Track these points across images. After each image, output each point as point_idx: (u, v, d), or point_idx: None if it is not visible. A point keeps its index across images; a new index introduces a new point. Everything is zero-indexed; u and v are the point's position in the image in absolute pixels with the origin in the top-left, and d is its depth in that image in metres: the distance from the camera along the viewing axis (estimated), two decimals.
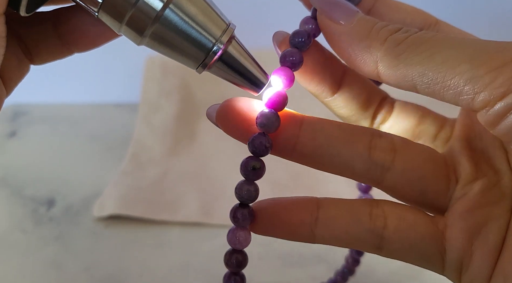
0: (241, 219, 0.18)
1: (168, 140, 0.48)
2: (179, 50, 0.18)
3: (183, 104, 0.52)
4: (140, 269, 0.35)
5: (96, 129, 0.52)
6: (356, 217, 0.18)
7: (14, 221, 0.39)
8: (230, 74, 0.18)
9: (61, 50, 0.21)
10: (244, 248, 0.18)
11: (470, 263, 0.17)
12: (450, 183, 0.18)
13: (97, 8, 0.17)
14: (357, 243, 0.18)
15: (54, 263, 0.35)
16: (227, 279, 0.18)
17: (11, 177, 0.44)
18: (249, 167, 0.17)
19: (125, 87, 0.57)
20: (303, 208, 0.18)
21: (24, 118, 0.54)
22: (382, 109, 0.21)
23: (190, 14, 0.17)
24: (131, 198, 0.41)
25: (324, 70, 0.19)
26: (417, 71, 0.16)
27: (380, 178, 0.18)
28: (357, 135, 0.18)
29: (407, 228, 0.18)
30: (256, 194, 0.17)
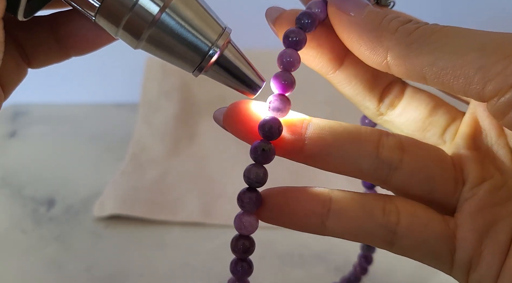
0: (248, 204, 0.18)
1: (168, 141, 0.48)
2: (176, 54, 0.18)
3: (183, 104, 0.52)
4: (140, 269, 0.35)
5: (96, 129, 0.52)
6: (370, 211, 0.18)
7: (14, 221, 0.39)
8: (226, 78, 0.18)
9: (59, 54, 0.21)
10: (250, 234, 0.18)
11: (479, 262, 0.17)
12: (457, 185, 0.18)
13: (94, 13, 0.17)
14: (368, 237, 0.18)
15: (54, 263, 0.35)
16: (234, 265, 0.18)
17: (11, 177, 0.44)
18: (259, 149, 0.17)
19: (125, 87, 0.57)
20: (315, 199, 0.18)
21: (24, 118, 0.54)
22: (390, 92, 0.21)
23: (186, 18, 0.17)
24: (131, 198, 0.41)
25: (325, 44, 0.19)
26: (427, 61, 0.16)
27: (388, 178, 0.18)
28: (365, 135, 0.18)
29: (420, 225, 0.18)
30: (265, 178, 0.17)
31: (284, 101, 0.17)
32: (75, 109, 0.56)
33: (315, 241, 0.37)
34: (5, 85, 0.20)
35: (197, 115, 0.52)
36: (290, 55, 0.17)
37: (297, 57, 0.18)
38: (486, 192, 0.18)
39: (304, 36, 0.18)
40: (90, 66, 0.53)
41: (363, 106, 0.21)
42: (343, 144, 0.18)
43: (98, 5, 0.17)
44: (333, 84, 0.21)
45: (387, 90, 0.21)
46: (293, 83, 0.17)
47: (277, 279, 0.34)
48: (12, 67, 0.20)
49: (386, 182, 0.18)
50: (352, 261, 0.35)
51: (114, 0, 0.17)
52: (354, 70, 0.20)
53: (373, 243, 0.18)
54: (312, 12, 0.18)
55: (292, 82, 0.17)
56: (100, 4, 0.17)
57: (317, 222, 0.18)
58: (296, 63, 0.18)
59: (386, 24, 0.17)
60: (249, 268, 0.18)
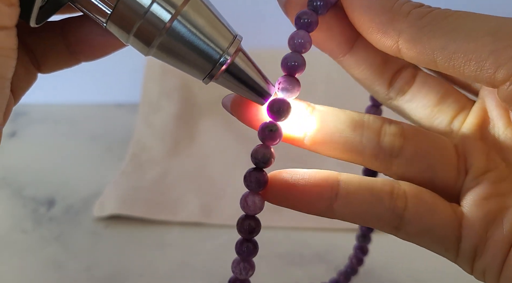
0: (254, 183, 0.17)
1: (168, 141, 0.48)
2: (186, 61, 0.18)
3: (183, 104, 0.52)
4: (140, 269, 0.35)
5: (96, 129, 0.52)
6: (378, 195, 0.18)
7: (14, 221, 0.39)
8: (236, 85, 0.18)
9: (69, 59, 0.21)
10: (256, 214, 0.18)
11: (484, 251, 0.17)
12: (460, 174, 0.19)
13: (105, 19, 0.17)
14: (376, 222, 0.18)
15: (54, 263, 0.35)
16: (239, 245, 0.18)
17: (11, 177, 0.44)
18: (266, 130, 0.17)
19: (125, 87, 0.57)
20: (323, 181, 0.18)
21: (24, 118, 0.54)
22: (400, 77, 0.20)
23: (198, 25, 0.17)
24: (131, 198, 0.41)
25: (335, 27, 0.19)
26: (439, 44, 0.16)
27: (389, 164, 0.18)
28: (368, 122, 0.18)
29: (427, 211, 0.18)
30: (271, 158, 0.17)
31: (294, 82, 0.17)
32: (75, 109, 0.56)
33: (315, 241, 0.37)
34: (16, 90, 0.20)
35: (197, 115, 0.52)
36: (302, 37, 0.17)
37: (309, 39, 0.18)
38: (490, 182, 0.18)
39: (316, 18, 0.18)
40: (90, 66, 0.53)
41: (373, 91, 0.21)
42: (345, 130, 0.18)
43: (110, 11, 0.17)
44: (344, 68, 0.21)
45: (398, 75, 0.20)
46: (303, 65, 0.17)
47: (277, 279, 0.34)
48: (22, 73, 0.20)
49: (387, 169, 0.18)
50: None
51: (126, 7, 0.17)
52: (364, 54, 0.20)
53: (380, 227, 0.18)
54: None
55: (302, 64, 0.17)
56: (112, 11, 0.17)
57: (325, 205, 0.18)
58: (308, 45, 0.18)
59: (398, 7, 0.17)
60: (254, 249, 0.18)
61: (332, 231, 0.38)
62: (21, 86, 0.20)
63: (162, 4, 0.16)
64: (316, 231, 0.38)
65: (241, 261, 0.18)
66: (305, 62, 0.18)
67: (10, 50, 0.16)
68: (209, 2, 0.18)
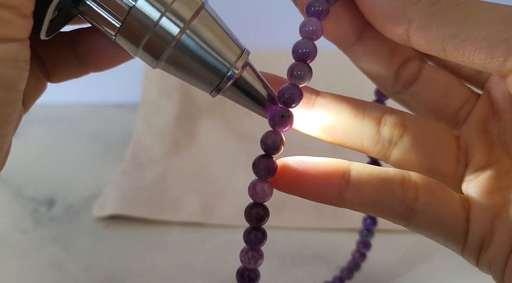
0: (263, 170, 0.17)
1: (168, 141, 0.48)
2: (194, 75, 0.18)
3: (183, 104, 0.52)
4: (140, 269, 0.35)
5: (96, 129, 0.52)
6: (389, 185, 0.18)
7: (14, 221, 0.39)
8: (244, 99, 0.18)
9: (78, 70, 0.21)
10: (264, 201, 0.18)
11: (490, 242, 0.17)
12: (459, 165, 0.19)
13: (114, 32, 0.17)
14: (386, 212, 0.18)
15: (54, 263, 0.35)
16: (247, 234, 0.18)
17: (11, 177, 0.44)
18: (278, 116, 0.17)
19: (125, 87, 0.57)
20: (334, 169, 0.18)
21: (24, 118, 0.53)
22: (406, 69, 0.20)
23: (206, 39, 0.17)
24: (131, 198, 0.41)
25: (344, 17, 0.19)
26: (450, 32, 0.16)
27: (388, 153, 0.19)
28: (369, 110, 0.19)
29: (438, 202, 0.18)
30: (281, 144, 0.17)
31: (305, 68, 0.17)
32: (75, 109, 0.56)
33: (315, 241, 0.37)
34: (26, 99, 0.20)
35: (197, 115, 0.52)
36: (313, 24, 0.17)
37: (320, 26, 0.17)
38: (493, 176, 0.18)
39: (327, 7, 0.18)
40: None
41: (379, 82, 0.21)
42: (347, 117, 0.18)
43: (119, 25, 0.17)
44: (350, 59, 0.21)
45: (404, 67, 0.20)
46: (314, 52, 0.17)
47: (277, 279, 0.34)
48: (33, 83, 0.20)
49: (386, 157, 0.19)
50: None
51: (135, 21, 0.17)
52: (371, 45, 0.20)
53: (390, 217, 0.18)
54: None
55: (314, 50, 0.17)
56: (121, 24, 0.17)
57: (335, 193, 0.18)
58: (319, 32, 0.17)
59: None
60: (263, 237, 0.18)
61: (332, 231, 0.38)
62: (31, 95, 0.20)
63: (171, 18, 0.17)
64: (316, 231, 0.38)
65: (250, 250, 0.18)
66: (317, 50, 0.17)
67: (23, 62, 0.16)
68: (217, 15, 0.18)
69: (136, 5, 0.16)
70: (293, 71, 0.17)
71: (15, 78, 0.16)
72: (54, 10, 0.16)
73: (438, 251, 0.36)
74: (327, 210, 0.40)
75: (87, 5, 0.17)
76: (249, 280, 0.19)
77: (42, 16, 0.16)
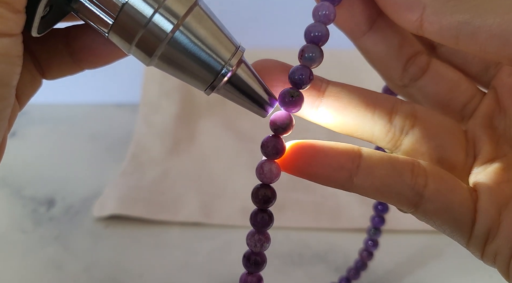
0: (271, 149, 0.17)
1: (168, 141, 0.48)
2: (188, 72, 0.18)
3: (183, 104, 0.52)
4: (140, 269, 0.35)
5: (96, 129, 0.52)
6: (399, 170, 0.18)
7: (14, 221, 0.39)
8: (238, 97, 0.18)
9: (72, 67, 0.21)
10: (272, 183, 0.17)
11: (497, 233, 0.17)
12: (468, 157, 0.19)
13: (107, 29, 0.17)
14: (395, 198, 0.18)
15: (54, 263, 0.35)
16: (254, 216, 0.18)
17: (11, 177, 0.44)
18: (287, 96, 0.17)
19: (125, 87, 0.57)
20: (345, 153, 0.18)
21: (24, 118, 0.54)
22: (415, 63, 0.20)
23: (200, 36, 0.17)
24: (131, 198, 0.41)
25: (356, 6, 0.19)
26: (464, 19, 0.16)
27: (398, 142, 0.19)
28: (380, 100, 0.19)
29: (447, 190, 0.18)
30: (290, 125, 0.17)
31: (317, 50, 0.17)
32: (75, 109, 0.56)
33: (315, 241, 0.37)
34: (21, 97, 0.20)
35: (197, 116, 0.52)
36: (326, 8, 0.17)
37: (333, 10, 0.17)
38: (501, 168, 0.18)
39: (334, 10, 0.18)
40: None
41: (387, 75, 0.21)
42: (358, 105, 0.18)
43: (112, 22, 0.17)
44: (359, 50, 0.21)
45: (412, 61, 0.20)
46: (327, 35, 0.17)
47: (277, 279, 0.34)
48: (28, 79, 0.20)
49: (397, 147, 0.19)
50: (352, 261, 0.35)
51: (127, 17, 0.16)
52: (382, 35, 0.20)
53: (399, 203, 0.18)
54: None
55: (326, 34, 0.17)
56: (114, 21, 0.17)
57: (345, 176, 0.18)
58: (332, 16, 0.17)
59: None
60: (270, 220, 0.18)
61: (332, 231, 0.38)
62: (26, 92, 0.20)
63: (164, 14, 0.16)
64: (316, 231, 0.38)
65: (256, 233, 0.18)
66: (329, 34, 0.17)
67: (15, 57, 0.16)
68: (212, 12, 0.18)
69: (129, 2, 0.16)
70: (304, 53, 0.17)
71: (7, 73, 0.16)
72: (45, 6, 0.16)
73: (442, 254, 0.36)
74: (327, 210, 0.40)
75: (79, 2, 0.17)
76: (255, 264, 0.18)
77: (33, 12, 0.16)
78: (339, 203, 0.41)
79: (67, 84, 0.56)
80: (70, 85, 0.57)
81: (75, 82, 0.56)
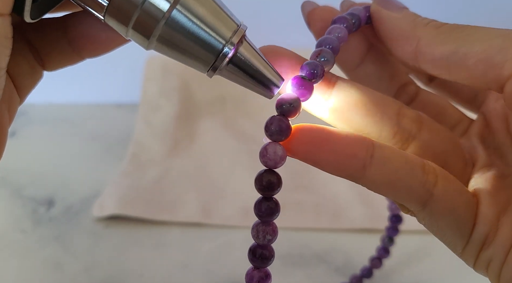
0: (276, 129, 0.16)
1: (168, 140, 0.48)
2: (188, 53, 0.17)
3: (183, 104, 0.52)
4: (140, 269, 0.35)
5: (96, 130, 0.52)
6: (412, 165, 0.17)
7: (13, 221, 0.39)
8: (242, 78, 0.18)
9: (72, 56, 0.21)
10: (276, 167, 0.16)
11: (494, 239, 0.17)
12: (467, 166, 0.20)
13: (103, 13, 0.17)
14: (406, 193, 0.17)
15: (54, 263, 0.35)
16: (258, 205, 0.17)
17: (11, 177, 0.44)
18: (299, 79, 0.17)
19: (125, 87, 0.57)
20: (358, 141, 0.17)
21: (24, 118, 0.54)
22: (405, 92, 0.22)
23: (198, 15, 0.16)
24: (131, 198, 0.41)
25: (350, 41, 0.21)
26: (453, 48, 0.17)
27: (405, 145, 0.19)
28: (388, 101, 0.19)
29: (454, 191, 0.18)
30: (299, 107, 0.16)
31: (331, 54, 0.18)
32: (75, 109, 0.56)
33: (315, 242, 0.37)
34: (21, 89, 0.20)
35: (197, 115, 0.52)
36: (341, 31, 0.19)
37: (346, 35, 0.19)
38: (497, 175, 0.19)
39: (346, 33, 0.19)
40: (90, 66, 0.53)
41: None
42: (368, 103, 0.18)
43: (106, 4, 0.16)
44: (352, 80, 0.21)
45: (402, 90, 0.22)
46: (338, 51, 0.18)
47: (277, 279, 0.34)
48: (27, 70, 0.20)
49: (403, 149, 0.19)
50: (353, 261, 0.35)
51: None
52: (373, 69, 0.22)
53: (409, 199, 0.17)
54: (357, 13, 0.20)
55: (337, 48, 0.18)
56: (108, 3, 0.16)
57: (358, 165, 0.17)
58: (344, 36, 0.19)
59: (420, 20, 0.19)
60: (276, 209, 0.17)
61: (332, 231, 0.38)
62: (27, 84, 0.20)
63: None
64: (316, 231, 0.38)
65: (261, 224, 0.17)
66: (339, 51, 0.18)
67: (4, 38, 0.15)
68: None
69: None
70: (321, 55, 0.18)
71: None
72: None
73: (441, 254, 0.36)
74: (327, 210, 0.40)
75: None
76: (262, 258, 0.17)
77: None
78: (339, 203, 0.41)
79: (67, 84, 0.57)
80: (69, 85, 0.57)
81: (75, 82, 0.56)
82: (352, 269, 0.35)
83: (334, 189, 0.42)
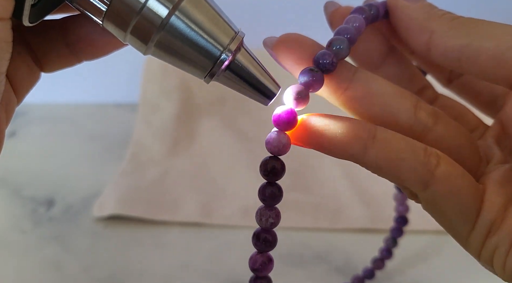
0: (284, 119, 0.17)
1: (168, 140, 0.48)
2: (186, 59, 0.17)
3: (183, 104, 0.52)
4: (140, 269, 0.35)
5: (96, 129, 0.52)
6: (413, 146, 0.18)
7: (13, 221, 0.39)
8: (239, 84, 0.18)
9: (70, 59, 0.21)
10: (280, 154, 0.17)
11: (500, 226, 0.17)
12: (481, 162, 0.20)
13: (101, 18, 0.17)
14: (408, 173, 0.18)
15: (53, 263, 0.35)
16: (262, 190, 0.17)
17: (11, 177, 0.44)
18: (313, 72, 0.17)
19: (125, 87, 0.57)
20: (360, 124, 0.18)
21: (24, 118, 0.54)
22: (424, 95, 0.22)
23: (197, 21, 0.17)
24: (131, 198, 0.41)
25: (371, 41, 0.21)
26: (466, 42, 0.18)
27: (421, 137, 0.19)
28: (405, 94, 0.19)
29: (457, 174, 0.18)
30: (307, 97, 0.17)
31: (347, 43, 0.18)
32: (75, 109, 0.56)
33: (315, 242, 0.37)
34: (18, 90, 0.20)
35: (197, 115, 0.52)
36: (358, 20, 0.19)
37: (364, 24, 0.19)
38: (509, 169, 0.19)
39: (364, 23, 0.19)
40: (89, 66, 0.53)
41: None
42: (385, 94, 0.19)
43: (105, 9, 0.16)
44: None
45: (421, 92, 0.22)
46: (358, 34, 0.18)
47: (277, 279, 0.34)
48: (25, 72, 0.20)
49: (420, 140, 0.19)
50: (353, 261, 0.35)
51: (121, 4, 0.16)
52: (394, 70, 0.22)
53: (410, 180, 0.18)
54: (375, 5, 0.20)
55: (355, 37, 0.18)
56: (107, 8, 0.16)
57: (360, 147, 0.17)
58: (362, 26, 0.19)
59: (434, 11, 0.20)
60: (279, 194, 0.17)
61: (332, 231, 0.38)
62: (25, 85, 0.20)
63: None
64: (316, 231, 0.38)
65: (264, 208, 0.17)
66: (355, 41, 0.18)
67: (4, 42, 0.15)
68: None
69: None
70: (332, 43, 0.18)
71: None
72: None
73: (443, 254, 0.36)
74: (328, 210, 0.40)
75: None
76: (265, 242, 0.18)
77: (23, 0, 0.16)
78: (339, 203, 0.41)
79: (66, 84, 0.57)
80: (69, 85, 0.57)
81: (74, 82, 0.56)
82: (352, 269, 0.35)
83: (334, 189, 0.42)
